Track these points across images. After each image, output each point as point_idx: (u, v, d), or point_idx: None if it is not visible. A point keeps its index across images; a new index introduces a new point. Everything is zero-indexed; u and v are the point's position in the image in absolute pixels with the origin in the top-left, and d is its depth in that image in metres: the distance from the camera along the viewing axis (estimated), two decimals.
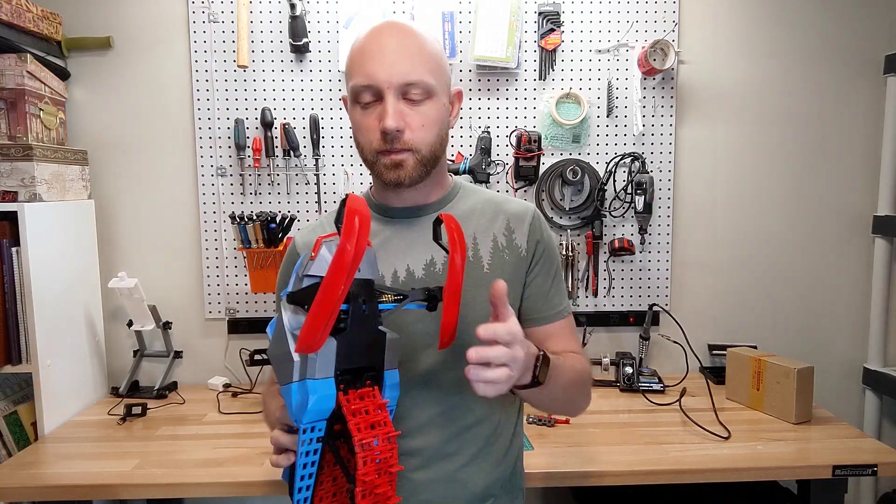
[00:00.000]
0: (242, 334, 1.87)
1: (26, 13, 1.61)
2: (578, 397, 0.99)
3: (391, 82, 0.87)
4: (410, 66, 0.88)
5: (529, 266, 1.00)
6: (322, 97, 1.80)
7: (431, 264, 0.96)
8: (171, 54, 1.80)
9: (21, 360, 1.49)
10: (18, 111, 1.56)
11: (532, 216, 1.02)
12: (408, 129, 0.89)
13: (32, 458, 1.39)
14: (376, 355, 0.73)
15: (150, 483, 1.27)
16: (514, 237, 1.00)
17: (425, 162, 0.92)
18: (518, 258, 0.99)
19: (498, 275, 0.96)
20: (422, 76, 0.89)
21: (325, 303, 0.61)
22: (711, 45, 1.84)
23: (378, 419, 0.69)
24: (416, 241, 0.97)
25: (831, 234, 1.91)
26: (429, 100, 0.90)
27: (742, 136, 1.87)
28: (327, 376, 0.67)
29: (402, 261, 0.97)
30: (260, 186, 1.82)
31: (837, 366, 1.94)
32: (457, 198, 1.03)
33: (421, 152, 0.91)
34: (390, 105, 0.87)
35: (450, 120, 0.97)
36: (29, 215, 1.46)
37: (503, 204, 1.03)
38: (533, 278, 1.00)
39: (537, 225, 1.02)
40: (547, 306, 1.00)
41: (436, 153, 0.93)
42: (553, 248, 1.03)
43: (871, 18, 1.84)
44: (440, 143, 0.94)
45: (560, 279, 1.04)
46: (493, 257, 0.98)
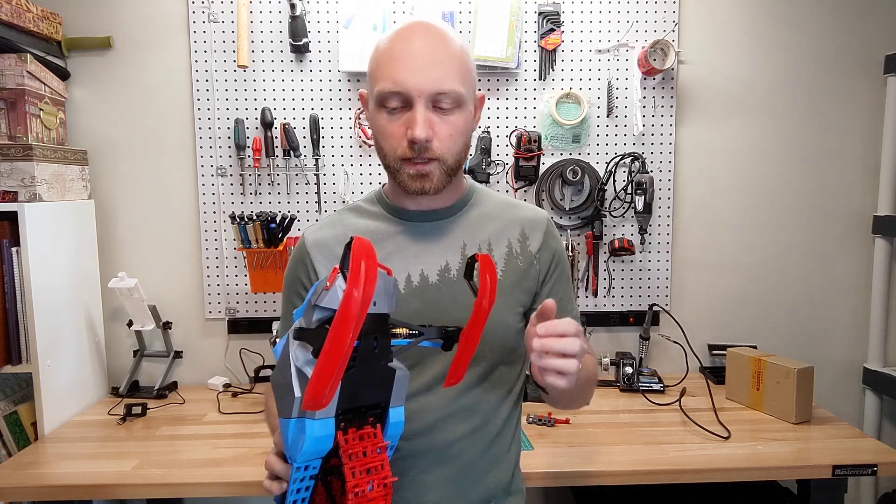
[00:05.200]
0: (242, 334, 1.87)
1: (26, 13, 1.61)
2: (587, 393, 1.01)
3: (422, 91, 0.85)
4: (443, 75, 0.85)
5: (546, 275, 1.00)
6: (322, 97, 1.80)
7: (446, 270, 0.95)
8: (171, 54, 1.80)
9: (21, 360, 1.49)
10: (18, 111, 1.56)
11: (547, 224, 1.02)
12: (436, 139, 0.87)
13: (32, 458, 1.39)
14: (383, 392, 0.69)
15: (150, 483, 1.27)
16: (529, 244, 0.99)
17: (450, 171, 0.91)
18: (531, 265, 0.99)
19: (511, 281, 0.97)
20: (454, 86, 0.86)
21: (332, 359, 0.57)
22: (711, 45, 1.84)
23: (375, 463, 0.66)
24: (432, 244, 0.96)
25: (831, 234, 1.91)
26: (458, 109, 0.88)
27: (742, 135, 1.87)
28: (327, 416, 0.64)
29: (416, 265, 0.95)
30: (260, 186, 1.82)
31: (837, 366, 1.94)
32: (472, 201, 1.01)
33: (447, 162, 0.89)
34: (420, 114, 0.85)
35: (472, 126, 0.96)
36: (29, 215, 1.46)
37: (517, 209, 1.02)
38: (550, 287, 1.00)
39: (552, 233, 1.02)
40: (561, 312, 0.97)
41: (460, 162, 0.93)
42: (565, 254, 1.05)
43: (871, 18, 1.84)
44: (465, 151, 0.93)
45: (570, 283, 1.05)
46: (506, 263, 0.97)
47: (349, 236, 0.88)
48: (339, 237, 0.99)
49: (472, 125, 0.93)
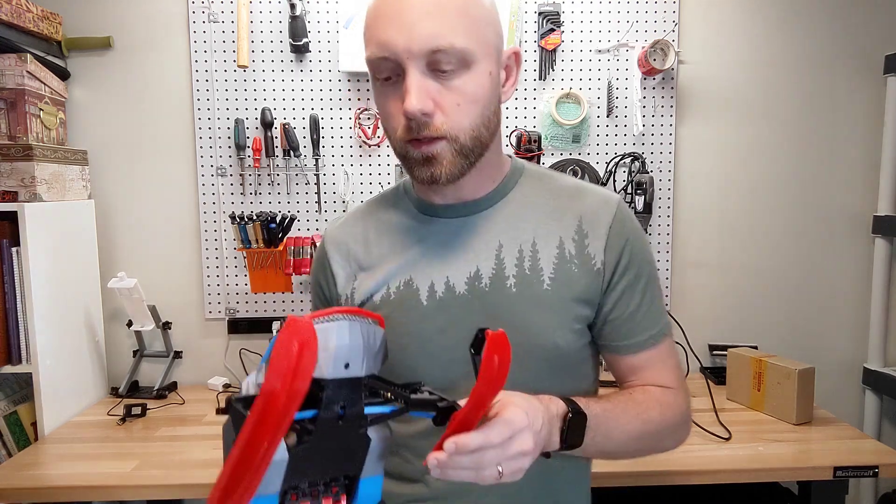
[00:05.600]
0: (242, 334, 1.87)
1: (26, 13, 1.61)
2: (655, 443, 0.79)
3: (412, 51, 0.68)
4: (438, 29, 0.67)
5: (609, 283, 0.78)
6: (322, 97, 1.80)
7: (476, 278, 0.77)
8: (171, 54, 1.80)
9: (21, 360, 1.49)
10: (18, 111, 1.56)
11: (614, 214, 0.78)
12: (438, 112, 0.69)
13: (32, 458, 1.39)
14: (352, 462, 0.55)
15: (150, 484, 1.27)
16: (587, 243, 0.77)
17: (466, 152, 0.72)
18: (591, 272, 0.77)
19: (562, 293, 0.76)
20: (452, 40, 0.67)
21: (240, 466, 0.45)
22: (711, 45, 1.84)
23: None
24: (460, 247, 0.78)
25: (831, 234, 1.91)
26: (465, 70, 0.69)
27: (742, 135, 1.87)
28: (269, 493, 0.51)
29: (440, 271, 0.78)
30: (260, 186, 1.82)
31: (837, 366, 1.94)
32: (515, 189, 0.81)
33: (458, 140, 0.71)
34: (413, 81, 0.68)
35: (502, 92, 0.75)
36: (29, 215, 1.46)
37: (577, 196, 0.80)
38: (616, 299, 0.78)
39: (620, 226, 0.78)
40: (633, 331, 0.79)
41: (480, 138, 0.72)
42: (643, 253, 0.79)
43: (871, 18, 1.84)
44: (485, 124, 0.72)
45: (653, 295, 0.80)
46: (556, 270, 0.76)
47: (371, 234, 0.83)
48: (359, 236, 0.85)
49: (493, 90, 0.72)
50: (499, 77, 0.74)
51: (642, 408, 0.76)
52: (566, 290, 0.76)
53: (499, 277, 0.77)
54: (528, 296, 0.76)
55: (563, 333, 0.76)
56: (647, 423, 0.75)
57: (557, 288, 0.76)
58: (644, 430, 0.75)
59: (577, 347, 0.79)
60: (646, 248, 0.80)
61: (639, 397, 0.77)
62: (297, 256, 1.76)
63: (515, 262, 0.77)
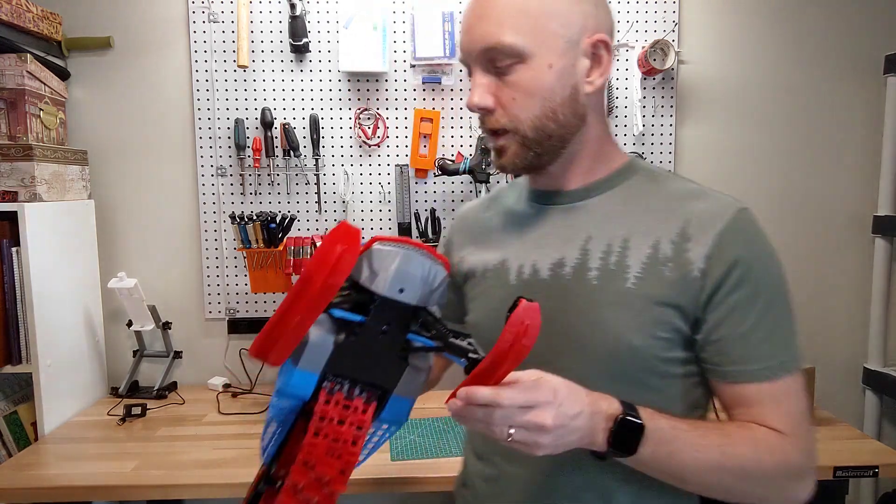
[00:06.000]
0: (242, 334, 1.87)
1: (26, 13, 1.61)
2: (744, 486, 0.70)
3: (471, 52, 0.74)
4: (489, 29, 0.71)
5: (712, 296, 0.71)
6: (322, 97, 1.80)
7: (560, 265, 0.78)
8: (171, 54, 1.80)
9: (21, 360, 1.49)
10: (18, 111, 1.56)
11: (727, 222, 0.72)
12: (499, 107, 0.74)
13: (32, 459, 1.39)
14: (387, 377, 0.62)
15: (150, 484, 1.27)
16: (688, 248, 0.72)
17: (529, 143, 0.74)
18: (686, 278, 0.71)
19: (648, 294, 0.72)
20: (500, 37, 0.70)
21: (281, 308, 0.54)
22: (711, 45, 1.84)
23: (345, 436, 0.60)
24: (552, 234, 0.80)
25: (831, 234, 1.91)
26: (520, 65, 0.72)
27: (742, 135, 1.87)
28: (310, 370, 0.60)
29: (530, 255, 0.81)
30: (260, 186, 1.82)
31: (837, 366, 1.93)
32: (621, 185, 0.79)
33: (519, 132, 0.74)
34: (474, 79, 0.74)
35: (578, 82, 0.74)
36: (29, 215, 1.46)
37: (691, 199, 0.75)
38: (723, 316, 0.71)
39: (734, 235, 0.72)
40: (744, 358, 0.71)
41: (544, 130, 0.74)
42: (766, 272, 0.73)
43: (871, 18, 1.84)
44: (548, 116, 0.73)
45: (778, 322, 0.72)
46: (645, 270, 0.73)
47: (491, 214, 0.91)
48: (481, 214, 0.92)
49: (556, 81, 0.73)
50: (573, 67, 0.73)
51: (729, 440, 0.69)
52: (653, 291, 0.72)
53: (581, 268, 0.76)
54: (609, 291, 0.74)
55: (641, 336, 0.72)
56: (730, 458, 0.69)
57: (642, 287, 0.73)
58: (723, 465, 0.69)
59: (658, 356, 0.73)
60: (771, 268, 0.73)
61: (731, 429, 0.71)
62: (297, 256, 1.76)
63: (601, 255, 0.76)
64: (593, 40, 0.73)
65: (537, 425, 0.61)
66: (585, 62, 0.74)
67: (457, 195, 1.84)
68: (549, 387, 0.63)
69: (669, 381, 0.75)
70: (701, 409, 0.78)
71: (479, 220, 0.93)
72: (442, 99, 1.81)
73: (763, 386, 0.71)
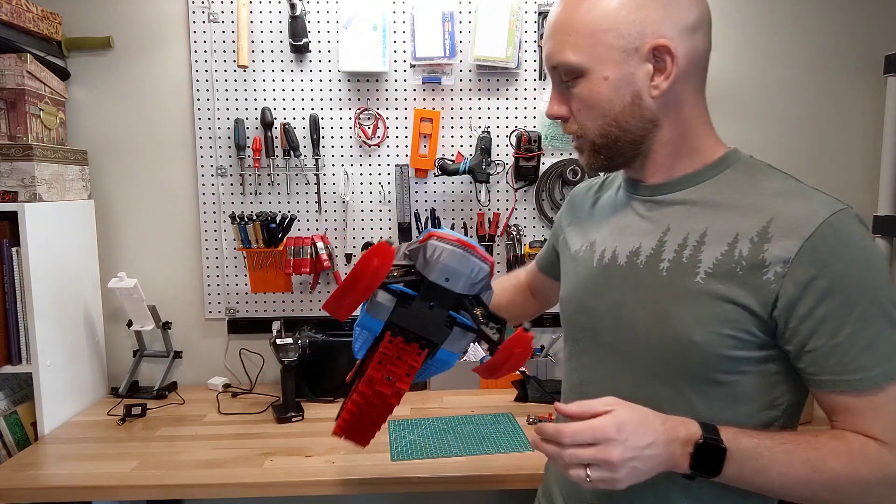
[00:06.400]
0: (242, 334, 1.87)
1: (26, 13, 1.61)
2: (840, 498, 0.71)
3: (546, 67, 0.82)
4: (553, 48, 0.78)
5: (794, 302, 0.69)
6: (322, 97, 1.80)
7: (636, 254, 0.81)
8: (171, 54, 1.80)
9: (21, 360, 1.49)
10: (18, 111, 1.56)
11: (818, 226, 0.69)
12: (571, 116, 0.81)
13: (32, 458, 1.39)
14: (436, 335, 0.81)
15: (150, 484, 1.27)
16: (766, 249, 0.70)
17: (597, 148, 0.80)
18: (758, 279, 0.70)
19: (715, 291, 0.72)
20: (561, 57, 0.77)
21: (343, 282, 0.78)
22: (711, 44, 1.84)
23: (400, 370, 0.82)
24: (635, 224, 0.83)
25: None
26: (581, 79, 0.77)
27: (742, 135, 1.87)
28: (377, 318, 0.81)
29: (613, 241, 0.85)
30: (260, 186, 1.82)
31: None
32: (711, 179, 0.80)
33: (587, 138, 0.81)
34: (552, 91, 0.83)
35: (640, 89, 0.76)
36: (29, 215, 1.46)
37: (782, 198, 0.74)
38: (815, 326, 0.69)
39: (823, 240, 0.69)
40: (841, 367, 0.69)
41: (609, 136, 0.79)
42: (862, 279, 0.69)
43: (871, 18, 1.84)
44: (612, 124, 0.78)
45: (881, 329, 0.69)
46: (717, 267, 0.73)
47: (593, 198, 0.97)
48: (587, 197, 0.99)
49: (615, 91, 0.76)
50: (632, 76, 0.76)
51: (819, 454, 0.69)
52: (722, 288, 0.72)
53: (654, 258, 0.78)
54: (677, 283, 0.75)
55: (704, 332, 0.73)
56: (820, 473, 0.69)
57: (711, 283, 0.73)
58: (813, 479, 0.69)
59: (722, 354, 0.73)
60: (869, 275, 0.69)
61: (823, 441, 0.71)
62: (297, 256, 1.76)
63: (676, 247, 0.77)
64: (652, 46, 0.74)
65: (604, 461, 0.66)
66: (648, 68, 0.75)
67: (457, 195, 1.84)
68: (614, 422, 0.67)
69: (739, 377, 0.74)
70: (779, 408, 0.76)
71: (582, 201, 0.99)
72: (442, 99, 1.81)
73: (862, 396, 0.70)
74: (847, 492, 0.70)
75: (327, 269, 1.80)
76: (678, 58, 0.75)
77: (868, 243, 0.71)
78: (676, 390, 0.76)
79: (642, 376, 0.78)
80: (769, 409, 0.76)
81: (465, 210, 1.85)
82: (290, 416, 1.56)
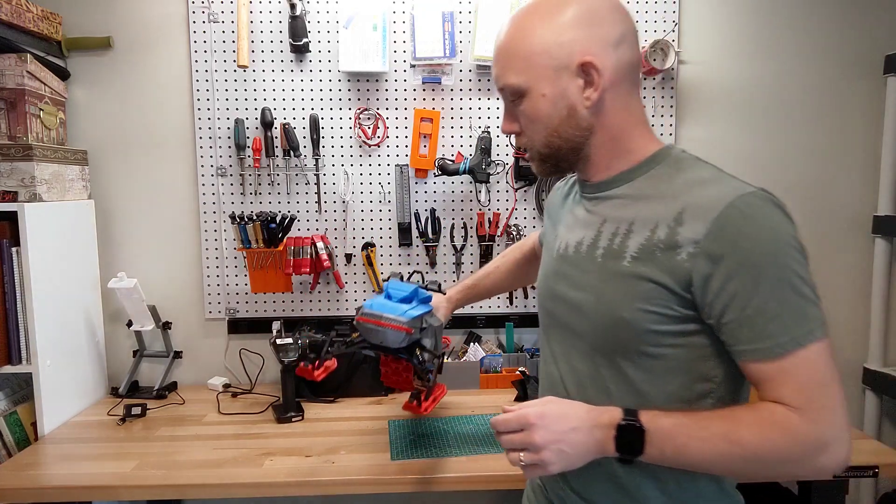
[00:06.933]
0: (242, 334, 1.87)
1: (26, 13, 1.61)
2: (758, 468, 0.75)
3: (497, 90, 0.92)
4: (498, 71, 0.89)
5: (706, 279, 0.75)
6: (322, 97, 1.80)
7: (580, 244, 0.90)
8: (171, 54, 1.80)
9: (21, 360, 1.49)
10: (18, 111, 1.56)
11: (723, 209, 0.75)
12: (522, 131, 0.90)
13: (32, 458, 1.39)
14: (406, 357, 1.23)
15: (150, 484, 1.27)
16: (679, 232, 0.78)
17: (544, 157, 0.90)
18: (672, 260, 0.78)
19: (641, 272, 0.80)
20: (505, 80, 0.87)
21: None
22: (711, 45, 1.84)
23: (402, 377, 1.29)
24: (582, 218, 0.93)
25: (831, 234, 1.91)
26: (523, 98, 0.87)
27: (742, 135, 1.87)
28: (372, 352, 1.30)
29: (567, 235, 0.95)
30: (260, 186, 1.82)
31: (837, 366, 1.93)
32: (643, 175, 0.87)
33: (534, 149, 0.90)
34: (504, 109, 0.92)
35: (574, 102, 0.84)
36: (29, 215, 1.46)
37: (698, 186, 0.80)
38: (728, 300, 0.75)
39: (726, 221, 0.75)
40: (753, 337, 0.75)
41: (552, 145, 0.87)
42: (767, 254, 0.74)
43: (871, 18, 1.84)
44: (555, 134, 0.86)
45: (784, 299, 0.74)
46: (640, 251, 0.81)
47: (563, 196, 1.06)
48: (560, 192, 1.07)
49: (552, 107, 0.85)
50: (566, 91, 0.84)
51: (734, 426, 0.75)
52: (644, 269, 0.80)
53: (593, 247, 0.88)
54: (610, 267, 0.84)
55: (630, 310, 0.81)
56: (736, 444, 0.74)
57: (635, 266, 0.81)
58: (730, 451, 0.74)
59: (649, 329, 0.80)
60: (775, 250, 0.74)
61: (740, 414, 0.76)
62: (297, 256, 1.76)
63: (609, 236, 0.86)
64: (579, 63, 0.83)
65: (529, 444, 0.78)
66: (579, 82, 0.84)
67: (457, 195, 1.84)
68: (536, 411, 0.80)
69: (668, 350, 0.81)
70: (713, 381, 0.82)
71: (557, 197, 1.08)
72: (442, 99, 1.81)
73: (774, 363, 0.74)
74: (765, 459, 0.74)
75: (327, 269, 1.79)
76: (605, 71, 0.82)
77: (775, 222, 0.76)
78: (615, 364, 0.85)
79: (589, 352, 0.88)
80: (702, 381, 0.82)
81: (465, 210, 1.85)
82: (290, 416, 1.56)
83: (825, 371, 0.76)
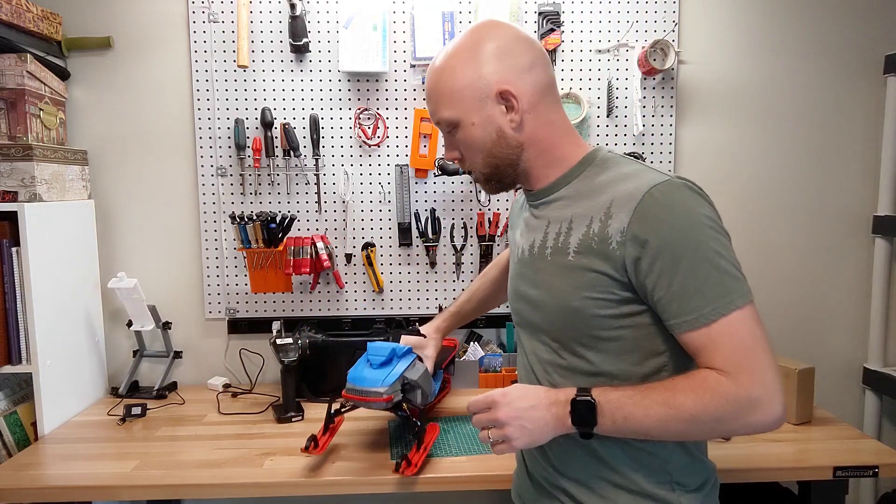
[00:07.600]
0: (242, 334, 1.87)
1: (26, 13, 1.61)
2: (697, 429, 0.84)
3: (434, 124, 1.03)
4: (431, 108, 1.00)
5: (635, 262, 0.85)
6: (322, 97, 1.80)
7: (533, 246, 0.99)
8: (171, 54, 1.80)
9: (21, 360, 1.49)
10: (18, 111, 1.56)
11: (641, 198, 0.84)
12: (462, 157, 1.01)
13: (32, 458, 1.39)
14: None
15: (150, 484, 1.27)
16: (610, 224, 0.87)
17: (488, 177, 1.00)
18: (606, 249, 0.86)
19: (582, 264, 0.89)
20: (439, 115, 0.98)
21: None
22: (711, 45, 1.84)
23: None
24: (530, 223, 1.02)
25: (831, 234, 1.91)
26: (457, 128, 0.97)
27: (742, 136, 1.87)
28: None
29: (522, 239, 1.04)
30: (260, 186, 1.82)
31: (837, 366, 1.94)
32: (578, 178, 0.96)
33: (477, 171, 1.00)
34: (445, 141, 1.03)
35: (501, 125, 0.95)
36: (29, 215, 1.46)
37: (621, 181, 0.90)
38: (656, 280, 0.84)
39: (646, 209, 0.84)
40: (680, 311, 0.83)
41: (493, 165, 0.98)
42: (683, 235, 0.82)
43: (871, 18, 1.84)
44: (493, 155, 0.97)
45: (704, 274, 0.82)
46: (580, 245, 0.90)
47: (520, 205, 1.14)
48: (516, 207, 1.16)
49: (484, 132, 0.96)
50: (492, 117, 0.95)
51: (671, 393, 0.83)
52: (585, 261, 0.89)
53: (542, 247, 0.97)
54: (558, 263, 0.93)
55: (579, 298, 0.90)
56: (674, 409, 0.82)
57: (578, 259, 0.90)
58: (670, 415, 0.82)
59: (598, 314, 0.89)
60: (692, 231, 0.83)
61: (676, 382, 0.84)
62: (297, 256, 1.76)
63: (554, 235, 0.95)
64: (497, 91, 0.93)
65: (494, 420, 0.89)
66: (501, 108, 0.95)
67: (457, 195, 1.84)
68: (501, 391, 0.90)
69: (619, 331, 0.90)
70: (664, 355, 0.90)
71: (514, 208, 1.17)
72: None
73: (701, 331, 0.82)
74: (701, 420, 0.81)
75: (327, 269, 1.80)
76: (522, 95, 0.93)
77: (689, 206, 0.85)
78: (572, 349, 0.94)
79: (550, 343, 0.97)
80: (654, 356, 0.91)
81: (465, 210, 1.85)
82: (290, 416, 1.56)
83: (750, 335, 0.82)
